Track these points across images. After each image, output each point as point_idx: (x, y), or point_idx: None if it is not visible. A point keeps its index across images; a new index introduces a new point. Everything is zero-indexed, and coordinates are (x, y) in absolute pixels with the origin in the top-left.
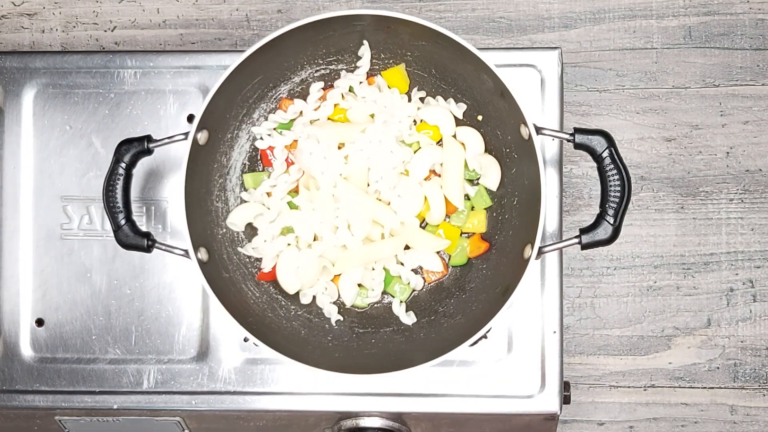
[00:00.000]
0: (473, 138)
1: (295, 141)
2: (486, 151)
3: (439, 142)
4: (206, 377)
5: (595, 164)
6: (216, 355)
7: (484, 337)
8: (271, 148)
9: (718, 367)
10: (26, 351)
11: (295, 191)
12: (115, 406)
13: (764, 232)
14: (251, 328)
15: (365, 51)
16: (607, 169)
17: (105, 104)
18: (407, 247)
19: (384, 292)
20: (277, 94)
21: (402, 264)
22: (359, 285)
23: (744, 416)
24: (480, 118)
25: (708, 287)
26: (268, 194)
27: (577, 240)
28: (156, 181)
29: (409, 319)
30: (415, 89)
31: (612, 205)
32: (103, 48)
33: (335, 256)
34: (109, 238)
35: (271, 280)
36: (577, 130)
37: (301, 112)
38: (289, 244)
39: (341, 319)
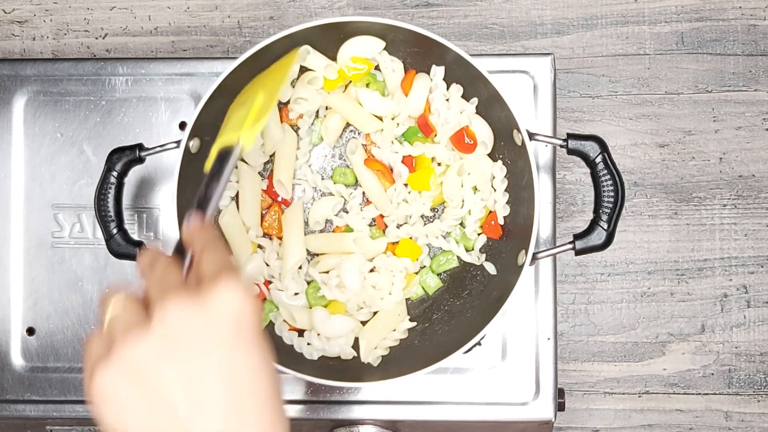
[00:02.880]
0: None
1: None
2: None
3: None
4: None
5: (588, 170)
6: None
7: (478, 344)
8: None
9: (712, 373)
10: (17, 360)
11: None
12: None
13: (758, 237)
14: None
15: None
16: (601, 174)
17: (96, 112)
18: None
19: None
20: None
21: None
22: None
23: (739, 422)
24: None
25: (702, 293)
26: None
27: (570, 246)
28: (148, 188)
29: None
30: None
31: (605, 210)
32: (95, 55)
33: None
34: (101, 246)
35: None
36: (570, 136)
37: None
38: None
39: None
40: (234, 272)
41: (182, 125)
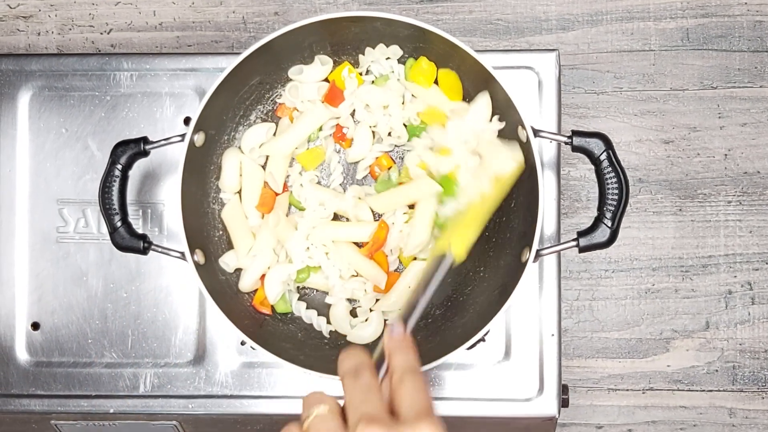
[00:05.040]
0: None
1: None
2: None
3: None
4: (203, 381)
5: (593, 167)
6: (213, 358)
7: (482, 340)
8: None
9: (716, 370)
10: (22, 355)
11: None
12: (111, 411)
13: (762, 234)
14: (248, 331)
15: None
16: (605, 171)
17: (101, 107)
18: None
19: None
20: (273, 95)
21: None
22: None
23: (743, 419)
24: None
25: (706, 290)
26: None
27: (574, 243)
28: (152, 183)
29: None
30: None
31: (610, 207)
32: (99, 50)
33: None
34: (105, 241)
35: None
36: (575, 133)
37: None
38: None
39: (333, 329)
40: (435, 416)
41: (187, 120)
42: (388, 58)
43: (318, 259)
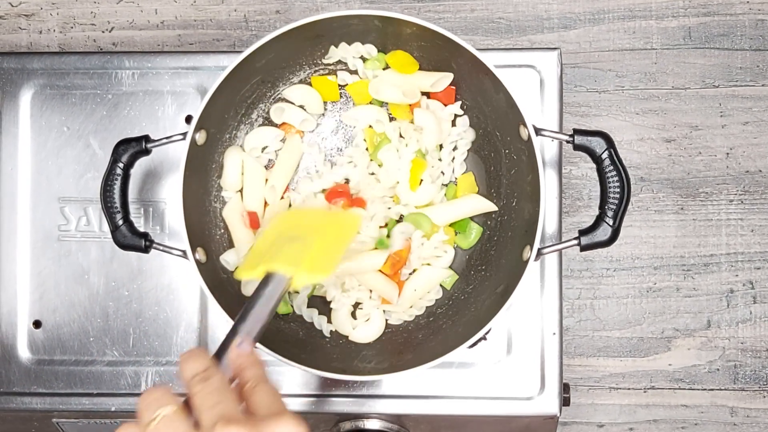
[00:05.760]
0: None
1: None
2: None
3: None
4: None
5: (594, 165)
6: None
7: (484, 338)
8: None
9: (718, 369)
10: (23, 353)
11: None
12: (113, 409)
13: (764, 233)
14: None
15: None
16: (607, 170)
17: (103, 105)
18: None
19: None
20: (275, 94)
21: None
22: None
23: (744, 418)
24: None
25: (708, 288)
26: None
27: (576, 242)
28: (154, 182)
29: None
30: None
31: (611, 206)
32: (101, 49)
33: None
34: (107, 239)
35: None
36: (577, 132)
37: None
38: None
39: (333, 329)
40: (291, 412)
41: (188, 119)
42: (362, 57)
43: (331, 293)
